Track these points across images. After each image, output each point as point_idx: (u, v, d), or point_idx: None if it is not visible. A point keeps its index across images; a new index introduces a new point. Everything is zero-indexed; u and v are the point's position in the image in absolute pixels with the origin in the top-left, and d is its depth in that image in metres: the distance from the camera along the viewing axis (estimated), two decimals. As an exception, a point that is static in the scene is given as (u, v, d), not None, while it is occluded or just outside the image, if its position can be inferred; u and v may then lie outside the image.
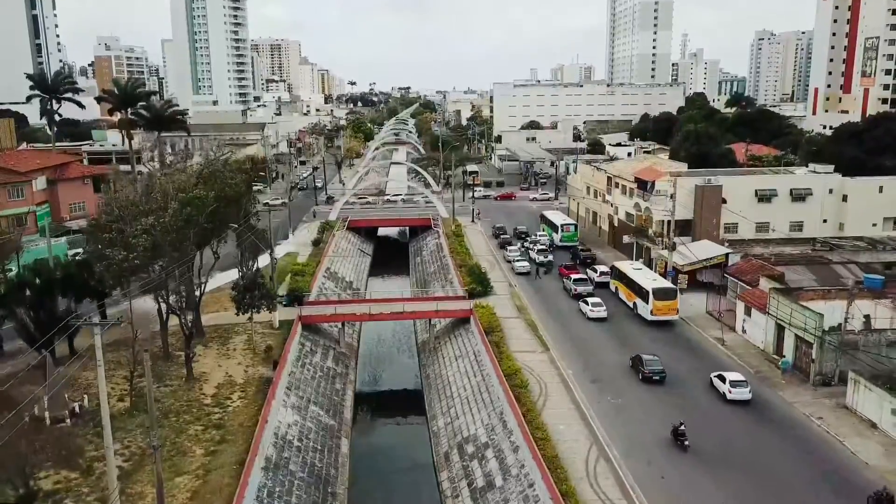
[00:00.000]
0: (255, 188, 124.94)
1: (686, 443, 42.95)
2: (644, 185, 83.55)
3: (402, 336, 77.52)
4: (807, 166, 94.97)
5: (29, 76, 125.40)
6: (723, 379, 50.58)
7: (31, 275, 53.34)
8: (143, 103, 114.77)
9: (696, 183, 79.43)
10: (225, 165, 64.60)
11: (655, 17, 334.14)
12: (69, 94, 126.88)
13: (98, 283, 52.78)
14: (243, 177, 66.69)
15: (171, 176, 55.36)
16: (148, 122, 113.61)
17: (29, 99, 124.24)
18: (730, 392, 49.34)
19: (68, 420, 45.72)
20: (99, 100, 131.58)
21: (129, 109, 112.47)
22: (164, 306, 54.45)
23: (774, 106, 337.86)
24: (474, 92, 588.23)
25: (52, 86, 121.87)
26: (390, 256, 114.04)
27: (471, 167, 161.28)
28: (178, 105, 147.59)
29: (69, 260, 61.74)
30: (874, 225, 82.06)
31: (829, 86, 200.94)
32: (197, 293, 59.27)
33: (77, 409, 46.98)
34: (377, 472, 50.56)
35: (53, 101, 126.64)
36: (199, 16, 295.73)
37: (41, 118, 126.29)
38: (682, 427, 43.47)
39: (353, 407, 59.37)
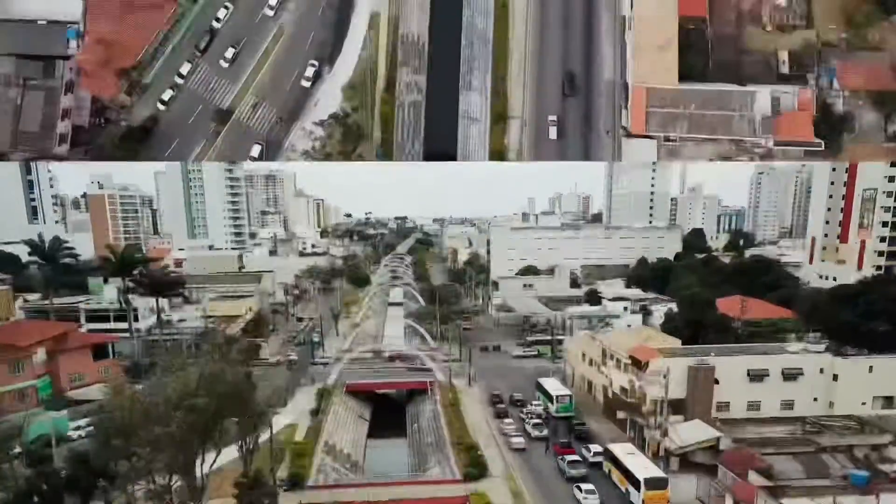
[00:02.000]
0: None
1: None
2: (638, 364, 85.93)
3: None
4: (800, 339, 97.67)
5: (26, 242, 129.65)
6: None
7: (39, 481, 54.85)
8: (141, 269, 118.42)
9: (689, 364, 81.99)
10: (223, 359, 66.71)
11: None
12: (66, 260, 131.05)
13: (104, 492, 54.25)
14: (242, 369, 68.79)
15: (171, 383, 57.34)
16: (146, 288, 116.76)
17: (27, 265, 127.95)
18: None
19: None
20: (98, 265, 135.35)
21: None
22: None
23: (773, 242, 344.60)
24: (472, 224, 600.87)
25: (48, 253, 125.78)
26: (388, 418, 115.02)
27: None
28: (174, 270, 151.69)
29: (74, 455, 62.86)
30: (864, 404, 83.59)
31: (826, 235, 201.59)
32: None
33: None
34: None
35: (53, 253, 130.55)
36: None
37: (44, 289, 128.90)
38: None
39: None
